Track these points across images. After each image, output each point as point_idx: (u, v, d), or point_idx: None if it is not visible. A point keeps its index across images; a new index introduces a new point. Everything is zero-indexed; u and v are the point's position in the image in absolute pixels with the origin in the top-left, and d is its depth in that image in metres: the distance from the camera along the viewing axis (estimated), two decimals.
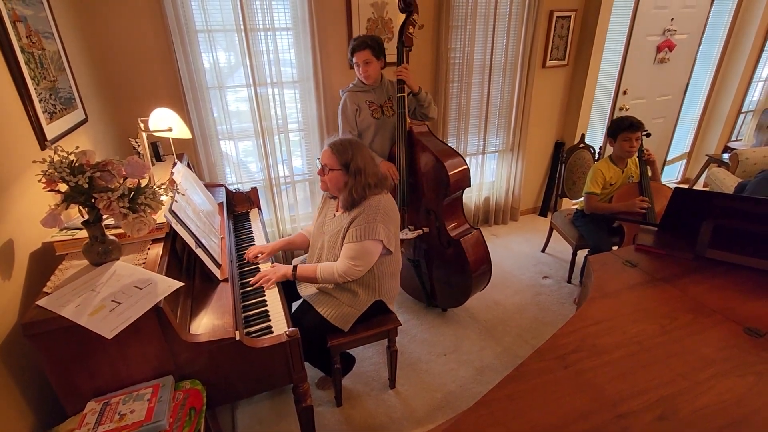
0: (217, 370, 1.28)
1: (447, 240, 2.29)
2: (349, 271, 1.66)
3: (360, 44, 2.19)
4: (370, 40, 2.19)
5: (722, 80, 4.17)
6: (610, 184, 2.54)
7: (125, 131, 2.35)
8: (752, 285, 1.49)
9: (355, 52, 2.21)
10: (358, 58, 2.22)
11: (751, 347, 1.21)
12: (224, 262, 1.66)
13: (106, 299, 1.13)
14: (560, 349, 1.21)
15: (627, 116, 2.44)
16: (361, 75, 2.28)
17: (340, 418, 1.93)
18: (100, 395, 1.17)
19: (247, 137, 2.75)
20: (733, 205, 1.59)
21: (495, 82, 3.21)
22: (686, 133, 4.45)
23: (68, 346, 1.10)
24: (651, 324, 1.31)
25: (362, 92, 2.33)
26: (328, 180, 1.71)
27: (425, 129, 2.37)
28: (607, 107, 3.75)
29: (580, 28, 3.35)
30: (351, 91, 2.34)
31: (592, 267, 1.64)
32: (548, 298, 2.74)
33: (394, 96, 2.29)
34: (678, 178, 4.67)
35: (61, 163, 1.12)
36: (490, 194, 3.68)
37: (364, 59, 2.21)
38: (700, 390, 1.07)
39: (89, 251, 1.25)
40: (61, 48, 1.77)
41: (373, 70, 2.25)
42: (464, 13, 2.88)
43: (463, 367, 2.20)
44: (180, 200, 1.58)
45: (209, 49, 2.42)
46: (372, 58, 2.21)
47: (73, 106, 1.79)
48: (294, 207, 3.01)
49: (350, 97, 2.33)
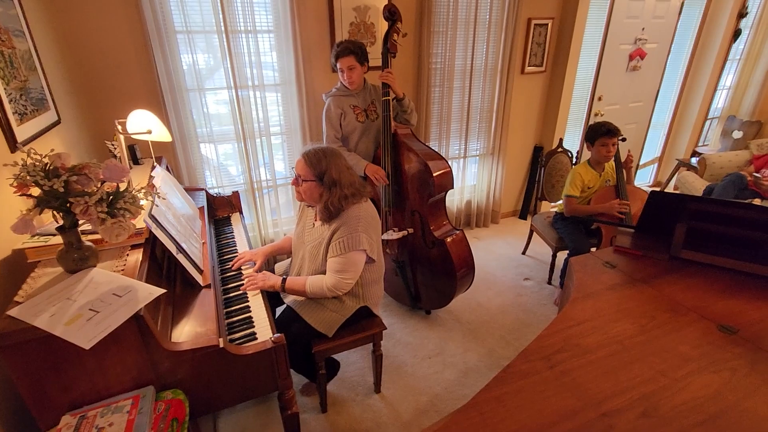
0: (200, 379, 1.25)
1: (432, 240, 2.31)
2: (338, 285, 1.64)
3: (344, 50, 2.19)
4: (353, 46, 2.19)
5: (690, 88, 4.35)
6: (588, 187, 2.61)
7: (101, 133, 2.27)
8: (724, 284, 1.56)
9: (339, 57, 2.21)
10: (342, 63, 2.22)
11: (724, 344, 1.26)
12: (206, 267, 1.62)
13: (83, 308, 1.09)
14: (545, 350, 1.23)
15: (604, 122, 2.51)
16: (345, 80, 2.28)
17: (326, 424, 1.91)
18: (77, 408, 1.12)
19: (228, 140, 2.71)
20: (705, 208, 1.66)
21: (476, 87, 3.26)
22: (657, 138, 4.62)
23: (42, 358, 1.05)
24: (631, 323, 1.35)
25: (346, 96, 2.33)
26: (302, 191, 1.66)
27: (409, 131, 2.40)
28: (584, 112, 3.86)
29: (556, 36, 3.44)
30: (335, 95, 2.34)
31: (573, 268, 1.68)
32: (529, 300, 2.79)
33: (378, 99, 2.30)
34: (650, 181, 4.84)
35: (34, 166, 1.07)
36: (472, 197, 3.73)
37: (348, 65, 2.21)
38: (678, 387, 1.11)
39: (64, 258, 1.20)
40: (32, 47, 1.71)
41: (357, 75, 2.26)
42: (445, 18, 2.92)
43: (448, 369, 2.21)
44: (160, 205, 1.54)
45: (188, 50, 2.37)
46: (356, 64, 2.22)
47: (45, 107, 1.72)
48: (276, 211, 2.97)
49: (334, 101, 2.32)
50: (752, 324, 1.34)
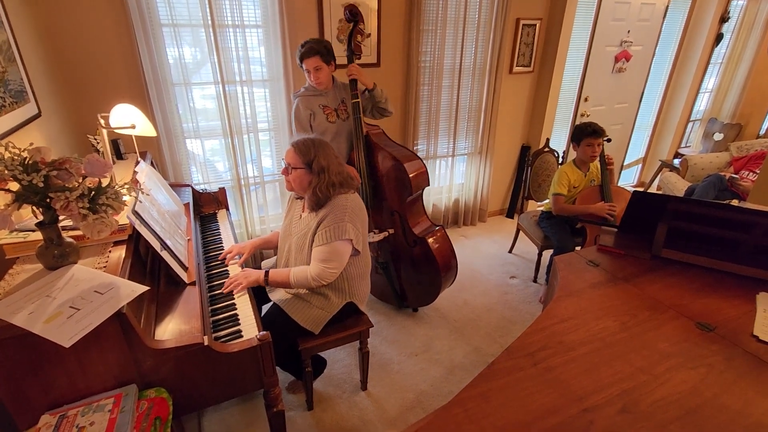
0: (184, 377, 1.24)
1: (413, 239, 2.32)
2: (322, 274, 1.64)
3: (308, 51, 2.10)
4: (318, 46, 2.11)
5: (673, 90, 4.44)
6: (573, 186, 2.64)
7: (83, 127, 2.22)
8: (702, 282, 1.60)
9: (303, 59, 2.13)
10: (307, 65, 2.14)
11: (702, 341, 1.29)
12: (191, 264, 1.61)
13: (64, 305, 1.07)
14: (529, 347, 1.25)
15: (590, 123, 2.55)
16: (312, 82, 2.21)
17: (311, 422, 1.91)
18: (56, 407, 1.10)
19: (215, 136, 2.67)
20: (685, 208, 1.70)
21: (464, 86, 3.28)
22: (642, 139, 4.71)
23: (20, 357, 1.03)
24: (613, 321, 1.37)
25: (314, 96, 2.26)
26: (292, 179, 1.69)
27: (380, 131, 2.38)
28: (570, 113, 3.91)
29: (544, 37, 3.48)
30: (303, 95, 2.26)
31: (558, 267, 1.71)
32: (515, 297, 2.82)
33: (348, 99, 2.26)
34: (634, 181, 4.93)
35: (12, 160, 1.04)
36: (460, 196, 3.75)
37: (314, 66, 2.13)
38: (657, 383, 1.13)
39: (44, 254, 1.17)
40: (11, 37, 1.66)
41: (324, 75, 2.19)
42: (435, 17, 2.92)
43: (434, 366, 2.23)
44: (144, 200, 1.52)
45: (174, 43, 2.33)
46: (322, 64, 2.14)
47: (24, 99, 1.68)
48: (263, 208, 2.95)
49: (303, 101, 2.25)
50: (729, 321, 1.38)
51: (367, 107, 2.31)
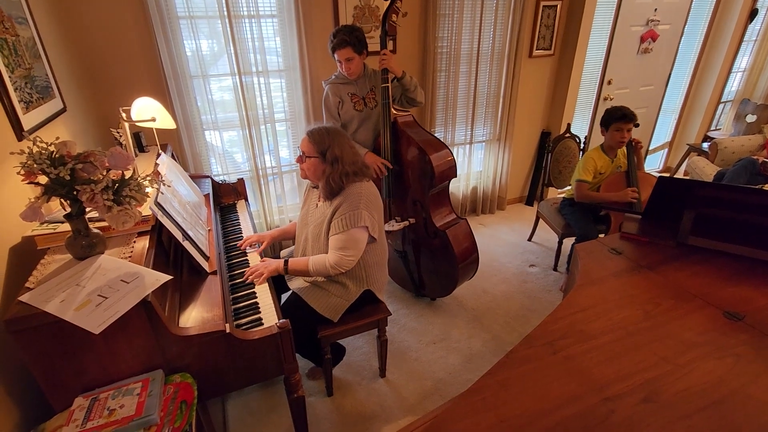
0: (207, 364, 1.27)
1: (433, 231, 2.30)
2: (341, 262, 1.65)
3: (340, 42, 2.11)
4: (350, 38, 2.11)
5: (703, 71, 4.25)
6: (600, 173, 2.57)
7: (106, 121, 2.28)
8: (731, 270, 1.54)
9: (335, 50, 2.15)
10: (339, 56, 2.16)
11: (729, 330, 1.25)
12: (212, 254, 1.64)
13: (92, 294, 1.11)
14: (549, 336, 1.23)
15: (620, 107, 2.46)
16: (344, 71, 2.23)
17: (332, 407, 1.94)
18: (88, 391, 1.15)
19: (233, 127, 2.70)
20: (713, 194, 1.63)
21: (482, 71, 3.21)
22: (668, 122, 4.53)
23: (53, 342, 1.07)
24: (635, 310, 1.34)
25: (344, 84, 2.29)
26: (306, 168, 1.70)
27: (410, 119, 2.35)
28: (593, 97, 3.79)
29: (566, 18, 3.36)
30: (333, 83, 2.30)
31: (579, 255, 1.67)
32: (535, 286, 2.79)
33: (378, 86, 2.26)
34: (660, 166, 4.77)
35: (40, 154, 1.08)
36: (478, 184, 3.70)
37: (346, 57, 2.15)
38: (681, 373, 1.11)
39: (72, 245, 1.22)
40: (36, 34, 1.70)
41: (356, 66, 2.20)
42: (452, 1, 2.86)
43: (453, 354, 2.23)
44: (166, 192, 1.55)
45: (191, 36, 2.35)
46: (354, 55, 2.15)
47: (50, 95, 1.73)
48: (281, 198, 2.98)
49: (332, 89, 2.29)
50: (759, 310, 1.33)
51: (396, 95, 2.30)
